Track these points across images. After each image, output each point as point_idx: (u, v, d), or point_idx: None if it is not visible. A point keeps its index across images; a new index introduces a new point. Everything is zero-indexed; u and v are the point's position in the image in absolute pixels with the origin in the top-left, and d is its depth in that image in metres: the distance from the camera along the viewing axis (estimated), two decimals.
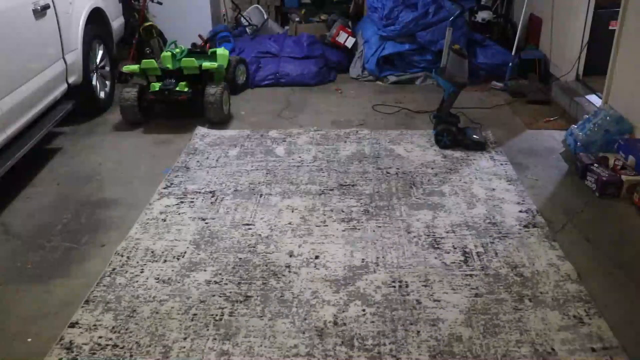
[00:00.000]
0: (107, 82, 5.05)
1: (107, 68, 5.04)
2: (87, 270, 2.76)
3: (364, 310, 2.44)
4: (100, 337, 2.30)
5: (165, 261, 2.80)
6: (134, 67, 4.71)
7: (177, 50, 4.95)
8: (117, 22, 5.44)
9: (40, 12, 3.78)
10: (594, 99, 4.56)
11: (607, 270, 2.73)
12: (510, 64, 5.46)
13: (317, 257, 2.81)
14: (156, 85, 4.58)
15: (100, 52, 4.90)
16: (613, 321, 2.36)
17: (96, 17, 4.77)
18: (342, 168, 3.79)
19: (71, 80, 4.29)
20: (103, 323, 2.38)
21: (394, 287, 2.58)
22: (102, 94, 4.90)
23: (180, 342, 2.28)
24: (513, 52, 5.57)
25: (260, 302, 2.49)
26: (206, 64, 4.63)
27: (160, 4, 6.16)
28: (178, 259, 2.82)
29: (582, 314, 2.40)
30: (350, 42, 6.10)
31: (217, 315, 2.42)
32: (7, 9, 3.43)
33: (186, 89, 4.56)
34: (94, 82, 4.73)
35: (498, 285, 2.59)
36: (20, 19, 3.58)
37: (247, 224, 3.13)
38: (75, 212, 3.31)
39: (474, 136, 4.10)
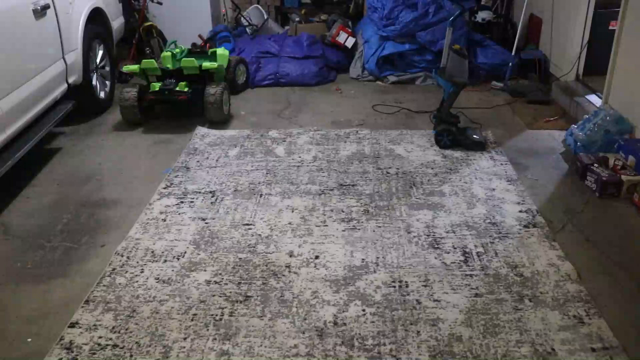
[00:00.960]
0: (107, 82, 5.05)
1: (107, 68, 5.04)
2: (87, 270, 2.76)
3: (364, 310, 2.44)
4: (100, 337, 2.30)
5: (165, 261, 2.80)
6: (134, 67, 4.71)
7: (177, 50, 4.95)
8: (117, 22, 5.44)
9: (40, 12, 3.78)
10: (594, 99, 4.56)
11: (607, 270, 2.73)
12: (510, 64, 5.47)
13: (317, 257, 2.81)
14: (156, 85, 4.58)
15: (100, 52, 4.90)
16: (613, 321, 2.36)
17: (96, 17, 4.77)
18: (342, 168, 3.79)
19: (71, 80, 4.29)
20: (103, 323, 2.38)
21: (394, 287, 2.58)
22: (102, 94, 4.91)
23: (180, 342, 2.28)
24: (513, 52, 5.57)
25: (260, 302, 2.49)
26: (206, 64, 4.63)
27: (160, 4, 6.16)
28: (178, 259, 2.82)
29: (582, 314, 2.40)
30: (350, 42, 6.09)
31: (217, 315, 2.42)
32: (7, 9, 3.43)
33: (186, 89, 4.56)
34: (94, 82, 4.73)
35: (498, 285, 2.59)
36: (20, 19, 3.58)
37: (247, 224, 3.13)
38: (75, 212, 3.31)
39: (474, 136, 4.10)
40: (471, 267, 2.72)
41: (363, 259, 2.79)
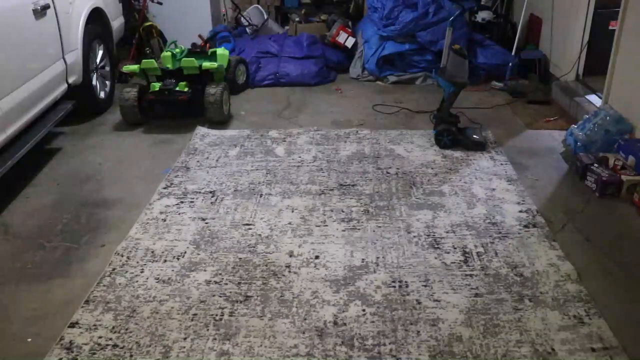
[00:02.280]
0: (107, 82, 5.05)
1: (107, 68, 5.04)
2: (87, 270, 2.76)
3: (364, 310, 2.44)
4: (100, 337, 2.30)
5: (165, 261, 2.80)
6: (134, 67, 4.71)
7: (177, 50, 4.95)
8: (117, 22, 5.44)
9: (40, 12, 3.78)
10: (594, 99, 4.56)
11: (607, 270, 2.73)
12: (510, 64, 5.47)
13: (317, 257, 2.81)
14: (156, 85, 4.58)
15: (100, 52, 4.90)
16: (613, 321, 2.36)
17: (96, 17, 4.77)
18: (342, 168, 3.79)
19: (71, 80, 4.29)
20: (103, 323, 2.38)
21: (394, 287, 2.58)
22: (102, 94, 4.90)
23: (180, 342, 2.28)
24: (513, 52, 5.57)
25: (260, 302, 2.49)
26: (206, 64, 4.64)
27: (160, 4, 6.16)
28: (178, 259, 2.82)
29: (582, 314, 2.40)
30: (350, 42, 6.10)
31: (217, 315, 2.42)
32: (7, 9, 3.43)
33: (186, 89, 4.56)
34: (94, 82, 4.73)
35: (498, 285, 2.59)
36: (20, 19, 3.58)
37: (247, 224, 3.13)
38: (75, 212, 3.31)
39: (474, 136, 4.10)
40: (471, 267, 2.72)
41: (363, 259, 2.79)
